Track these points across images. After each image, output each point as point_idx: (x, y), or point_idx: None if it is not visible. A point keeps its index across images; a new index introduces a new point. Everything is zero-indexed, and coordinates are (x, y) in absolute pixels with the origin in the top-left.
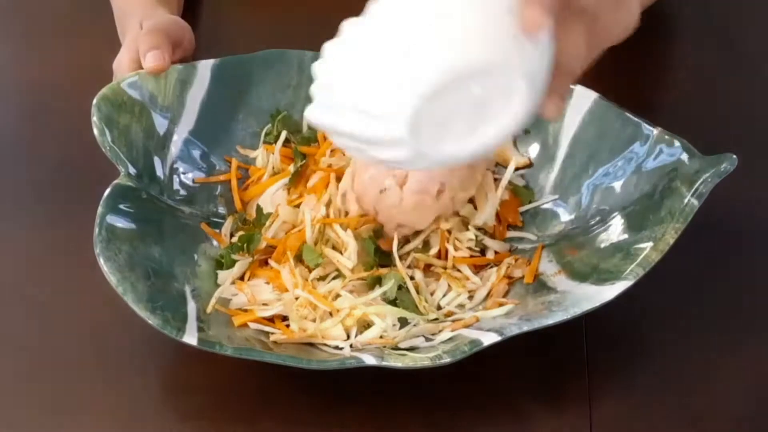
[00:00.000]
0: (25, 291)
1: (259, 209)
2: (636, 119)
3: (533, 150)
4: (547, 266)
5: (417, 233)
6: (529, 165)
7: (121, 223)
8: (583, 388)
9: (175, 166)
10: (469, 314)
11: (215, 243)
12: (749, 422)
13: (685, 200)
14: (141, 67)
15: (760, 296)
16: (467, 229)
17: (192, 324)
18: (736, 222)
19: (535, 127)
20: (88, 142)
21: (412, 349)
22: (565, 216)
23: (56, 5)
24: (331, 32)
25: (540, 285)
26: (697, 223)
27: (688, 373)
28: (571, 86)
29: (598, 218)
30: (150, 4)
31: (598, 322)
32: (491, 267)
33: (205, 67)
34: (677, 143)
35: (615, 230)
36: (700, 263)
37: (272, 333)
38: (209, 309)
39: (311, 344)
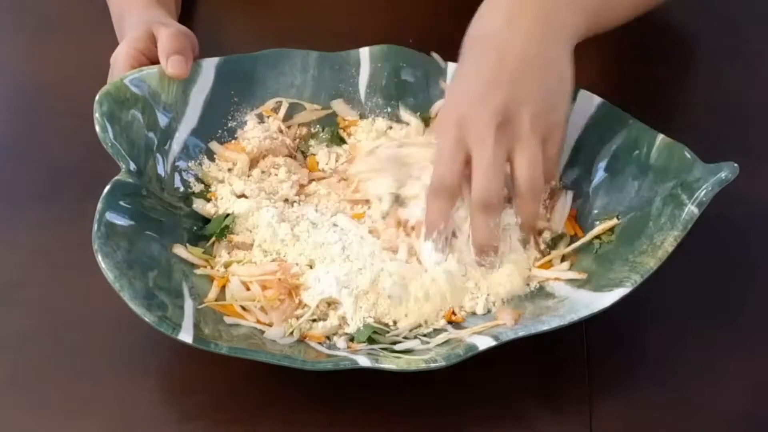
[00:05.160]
0: (24, 291)
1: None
2: (639, 125)
3: None
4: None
5: None
6: None
7: (120, 219)
8: (583, 388)
9: (176, 163)
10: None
11: None
12: (749, 421)
13: (686, 208)
14: (138, 63)
15: (760, 296)
16: None
17: (188, 322)
18: (736, 222)
19: None
20: (88, 142)
21: (407, 351)
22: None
23: (57, 5)
24: (331, 32)
25: (539, 290)
26: (698, 223)
27: (688, 373)
28: (575, 91)
29: (598, 223)
30: (148, 4)
31: (598, 324)
32: None
33: (209, 65)
34: (679, 150)
35: (614, 236)
36: (700, 263)
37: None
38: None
39: (307, 344)
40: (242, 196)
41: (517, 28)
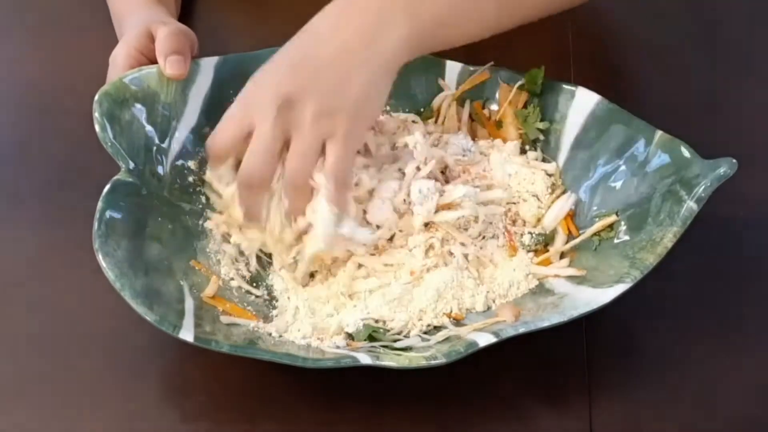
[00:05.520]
0: (25, 291)
1: None
2: (637, 122)
3: (534, 152)
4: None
5: None
6: None
7: (120, 218)
8: (583, 388)
9: (176, 162)
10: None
11: (215, 239)
12: (749, 422)
13: (685, 204)
14: (137, 62)
15: (760, 296)
16: None
17: (189, 320)
18: (736, 222)
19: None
20: (88, 142)
21: (407, 348)
22: None
23: (57, 5)
24: None
25: (539, 287)
26: (698, 222)
27: (687, 372)
28: (573, 88)
29: (597, 220)
30: (148, 3)
31: (598, 322)
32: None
33: (208, 65)
34: (677, 146)
35: (615, 231)
36: (701, 263)
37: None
38: (207, 292)
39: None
40: None
41: (338, 35)
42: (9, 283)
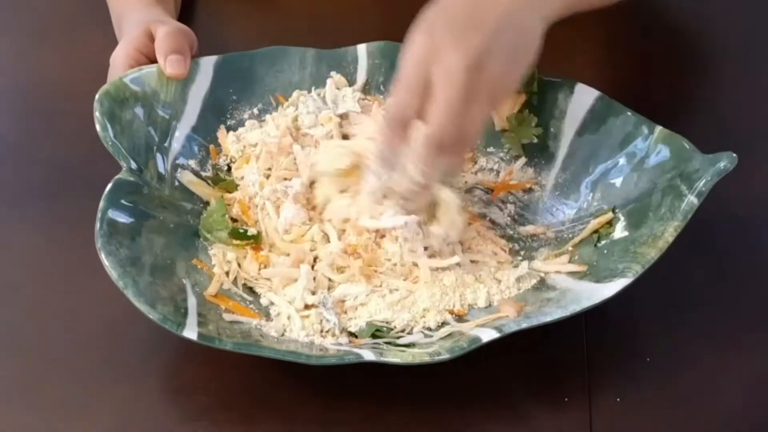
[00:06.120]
0: (25, 291)
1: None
2: (637, 117)
3: (534, 147)
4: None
5: None
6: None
7: (122, 217)
8: (583, 388)
9: (176, 161)
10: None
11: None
12: (748, 421)
13: (685, 199)
14: (136, 62)
15: (760, 296)
16: None
17: (192, 319)
18: (736, 221)
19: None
20: (89, 142)
21: (410, 345)
22: (566, 213)
23: (57, 5)
24: (329, 30)
25: (540, 283)
26: (698, 220)
27: (687, 372)
28: (572, 84)
29: (598, 216)
30: (147, 3)
31: (598, 321)
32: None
33: (207, 64)
34: (677, 141)
35: (614, 228)
36: (701, 262)
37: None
38: (210, 291)
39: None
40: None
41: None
42: (10, 282)
